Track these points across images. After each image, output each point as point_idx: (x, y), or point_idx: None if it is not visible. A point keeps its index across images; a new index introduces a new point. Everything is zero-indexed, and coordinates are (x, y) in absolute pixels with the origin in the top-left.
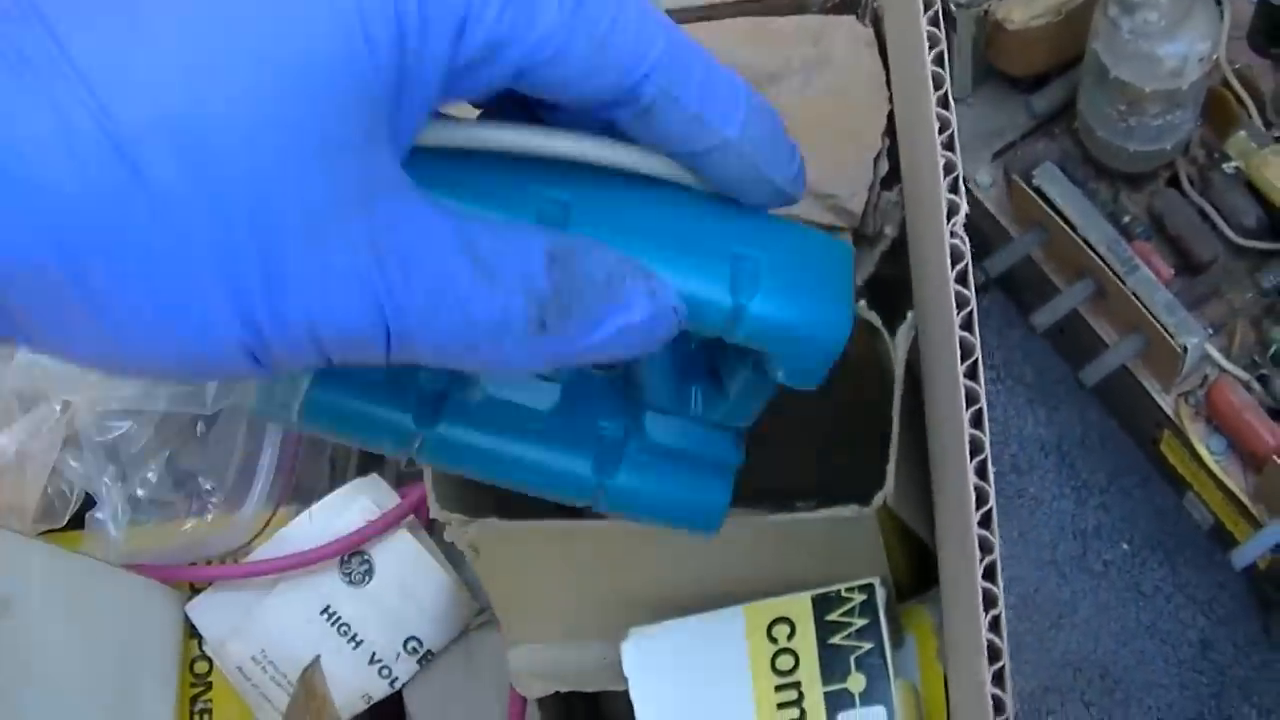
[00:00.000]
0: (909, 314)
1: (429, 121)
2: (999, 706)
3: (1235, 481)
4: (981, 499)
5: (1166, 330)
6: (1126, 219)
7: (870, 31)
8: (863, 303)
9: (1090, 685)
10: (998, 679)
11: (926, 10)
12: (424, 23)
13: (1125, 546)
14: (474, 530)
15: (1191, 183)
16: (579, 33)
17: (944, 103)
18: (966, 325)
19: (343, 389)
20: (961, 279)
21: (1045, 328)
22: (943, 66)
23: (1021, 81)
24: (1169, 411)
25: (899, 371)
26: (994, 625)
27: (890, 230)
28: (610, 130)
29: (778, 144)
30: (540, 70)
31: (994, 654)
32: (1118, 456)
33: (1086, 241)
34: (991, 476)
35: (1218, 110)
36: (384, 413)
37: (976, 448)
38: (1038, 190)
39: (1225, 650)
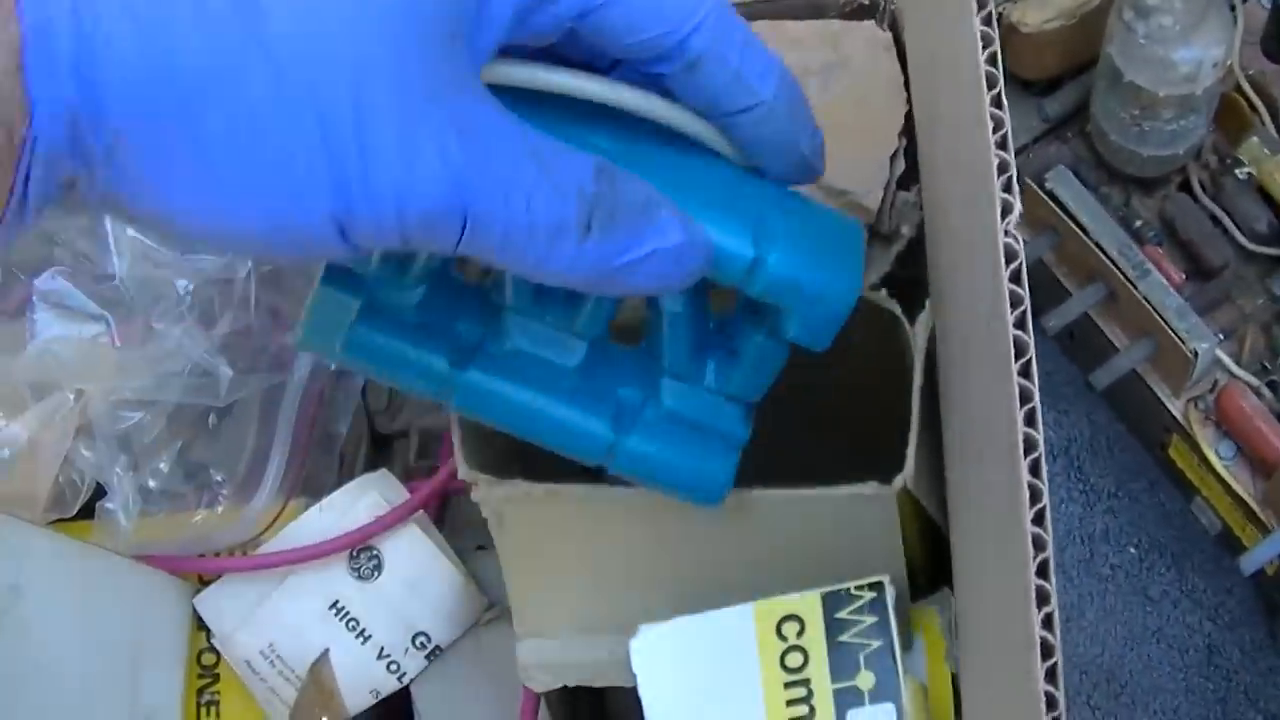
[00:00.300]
0: (926, 303)
1: (493, 59)
2: (1051, 703)
3: (1244, 487)
4: (1035, 496)
5: (1177, 335)
6: (1138, 223)
7: (889, 36)
8: (884, 291)
9: (1096, 689)
10: (1050, 676)
11: (980, 10)
12: None
13: (1133, 551)
14: (501, 492)
15: (1203, 188)
16: None
17: (997, 102)
18: (1020, 324)
19: (385, 329)
20: (1015, 278)
21: (1056, 331)
22: (995, 66)
23: (1034, 84)
24: (1178, 416)
25: (919, 360)
26: (1047, 622)
27: (907, 230)
28: (656, 88)
29: (804, 112)
30: (603, 10)
31: (1047, 650)
32: (1126, 460)
33: (1099, 245)
34: (1045, 474)
35: (1230, 115)
36: (421, 355)
37: (1030, 445)
38: (1050, 194)
39: (1232, 656)
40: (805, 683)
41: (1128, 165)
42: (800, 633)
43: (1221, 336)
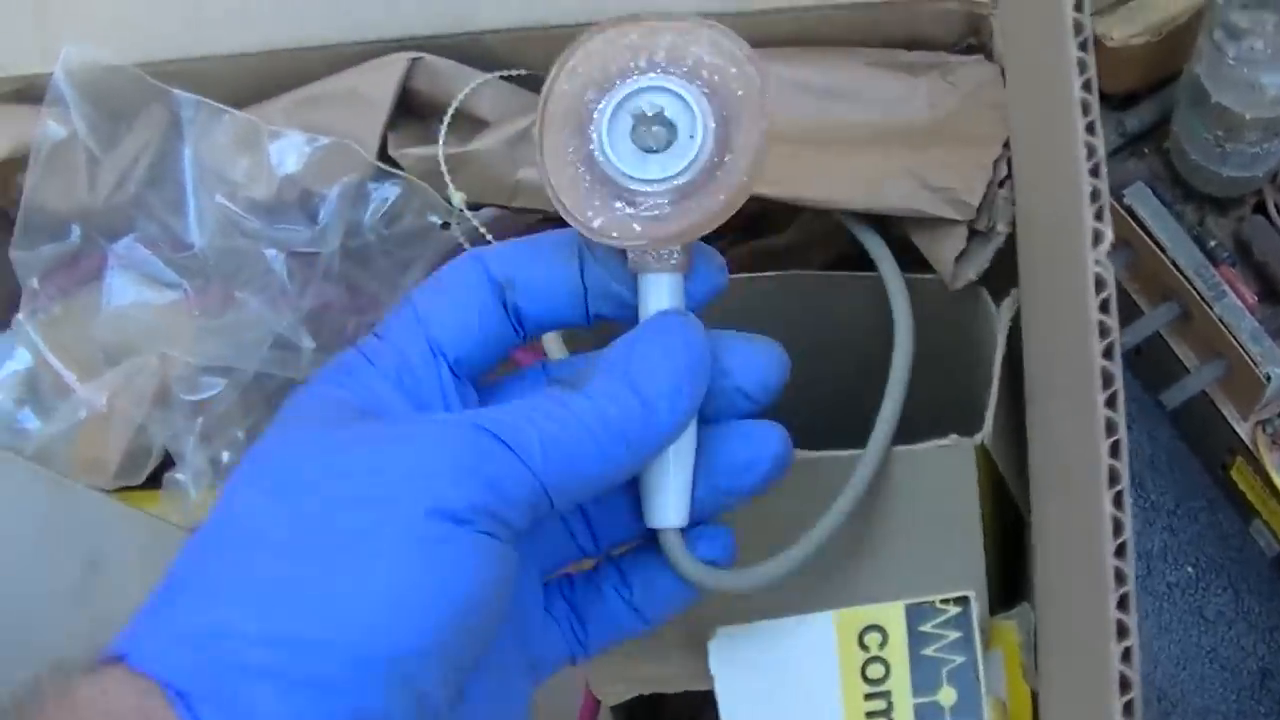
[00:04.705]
0: (1013, 291)
1: None
2: (1125, 685)
3: None
4: (1118, 529)
5: (1251, 359)
6: (1212, 243)
7: (998, 68)
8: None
9: (1147, 707)
10: (1125, 657)
11: (1077, 35)
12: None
13: (1190, 570)
14: None
15: (1278, 210)
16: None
17: (1091, 129)
18: (1108, 354)
19: None
20: (1104, 307)
21: (1128, 349)
22: (1091, 93)
23: (1111, 98)
24: (1245, 438)
25: (1002, 335)
26: (1122, 603)
27: (1003, 227)
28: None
29: None
30: None
31: (1122, 631)
32: (1185, 479)
33: (1175, 265)
34: (1129, 507)
35: None
36: None
37: (1115, 478)
38: (1128, 210)
39: None
40: (886, 695)
41: (1206, 185)
42: (883, 644)
43: None
